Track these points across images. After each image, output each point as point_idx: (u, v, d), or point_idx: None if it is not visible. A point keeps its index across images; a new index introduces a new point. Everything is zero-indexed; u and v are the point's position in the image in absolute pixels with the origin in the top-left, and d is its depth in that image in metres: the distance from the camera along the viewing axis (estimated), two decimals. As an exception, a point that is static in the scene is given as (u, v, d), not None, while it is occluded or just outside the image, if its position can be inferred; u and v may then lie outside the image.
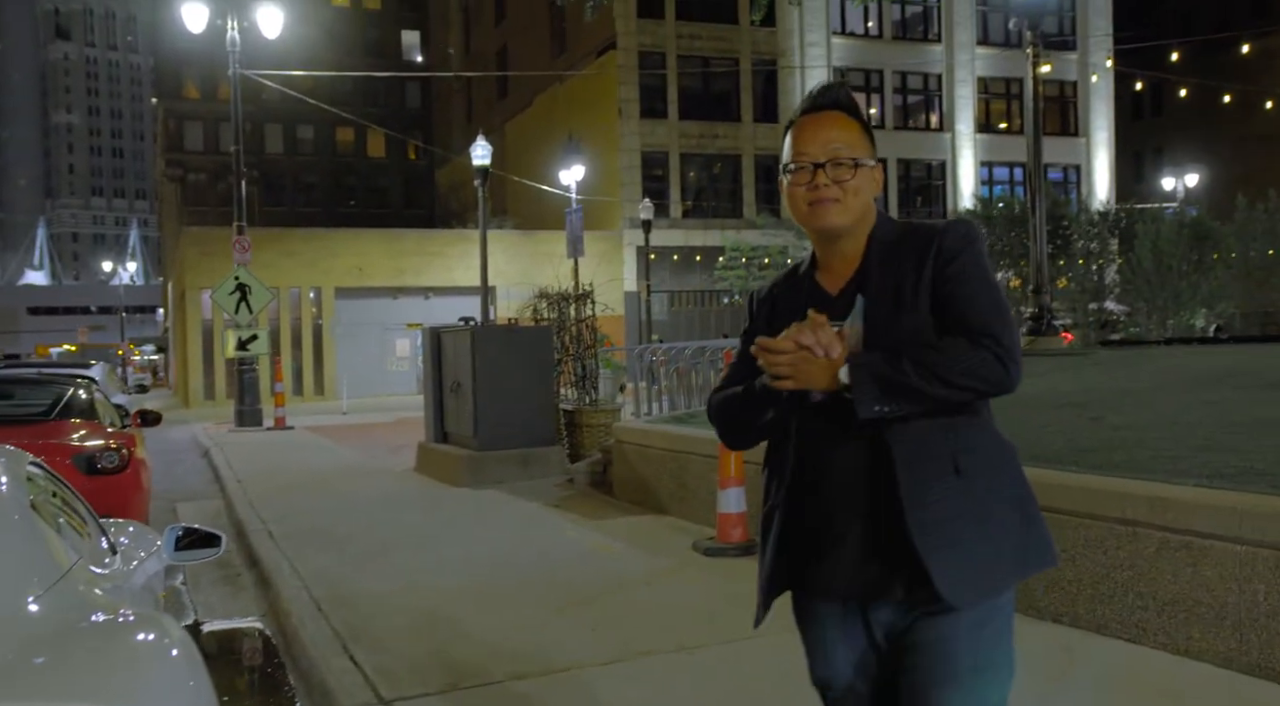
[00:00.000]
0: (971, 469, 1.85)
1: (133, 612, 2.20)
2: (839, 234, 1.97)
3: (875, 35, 40.33)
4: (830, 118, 1.98)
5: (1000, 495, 1.89)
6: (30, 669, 1.70)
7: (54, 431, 6.31)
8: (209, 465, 13.05)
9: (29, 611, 1.97)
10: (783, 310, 2.04)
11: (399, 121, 62.67)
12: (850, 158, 1.94)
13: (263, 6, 18.48)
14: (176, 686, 1.82)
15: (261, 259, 28.63)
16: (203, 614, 5.96)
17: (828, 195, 1.93)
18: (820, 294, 2.00)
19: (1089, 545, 4.28)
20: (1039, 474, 4.66)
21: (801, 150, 1.96)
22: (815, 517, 1.92)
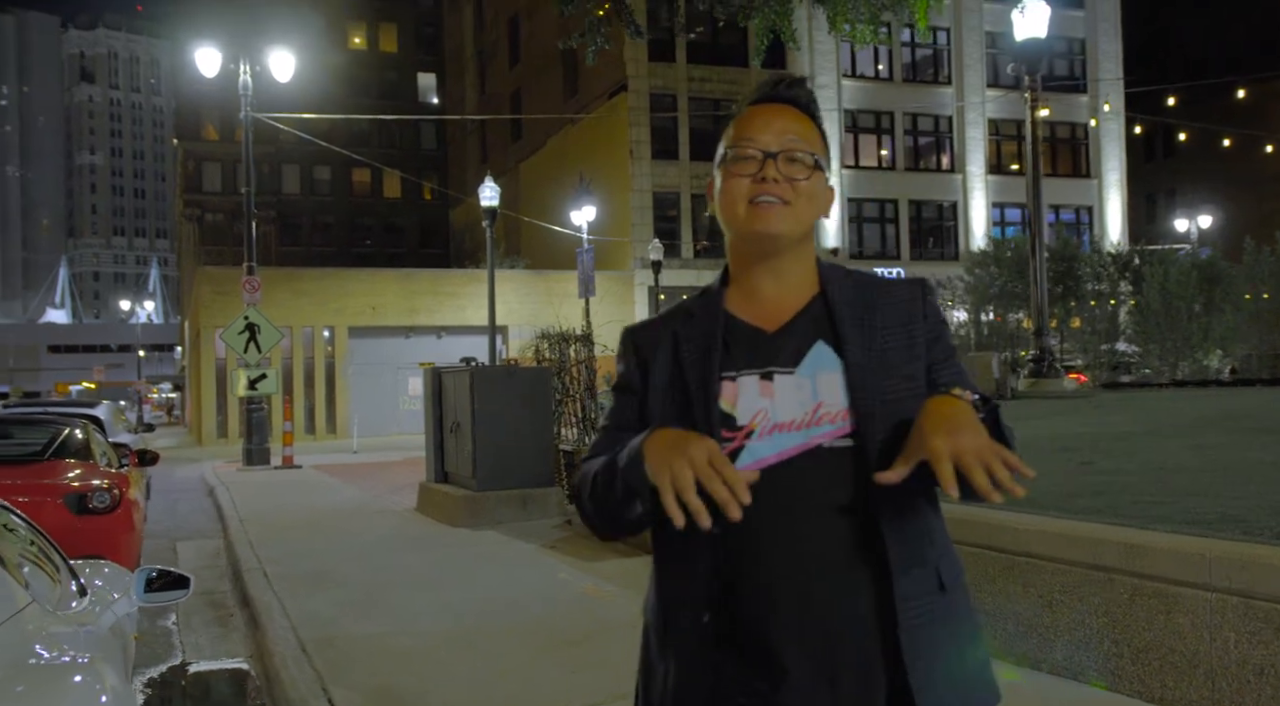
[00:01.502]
0: (953, 585, 1.52)
1: (70, 657, 2.24)
2: (781, 247, 1.56)
3: (885, 77, 40.63)
4: (789, 111, 1.61)
5: (972, 617, 1.57)
6: None
7: (47, 471, 6.37)
8: (214, 504, 13.10)
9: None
10: (692, 354, 1.57)
11: (415, 162, 63.29)
12: (809, 153, 1.57)
13: (275, 51, 18.76)
14: None
15: (276, 298, 28.95)
16: (191, 654, 5.99)
17: (776, 192, 1.53)
18: (748, 330, 1.57)
19: (1065, 591, 4.26)
20: (1019, 519, 4.67)
21: (748, 136, 1.57)
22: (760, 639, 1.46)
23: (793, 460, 1.46)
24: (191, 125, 61.42)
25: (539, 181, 42.53)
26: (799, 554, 1.44)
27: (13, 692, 1.95)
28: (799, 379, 1.51)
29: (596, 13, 11.19)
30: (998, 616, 4.50)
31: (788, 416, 1.49)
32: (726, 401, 1.52)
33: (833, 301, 1.57)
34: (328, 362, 31.69)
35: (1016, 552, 4.47)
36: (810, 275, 1.61)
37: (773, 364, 1.52)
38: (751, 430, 1.49)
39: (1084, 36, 42.68)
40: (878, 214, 40.54)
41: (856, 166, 39.88)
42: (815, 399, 1.49)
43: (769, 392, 1.51)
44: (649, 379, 1.61)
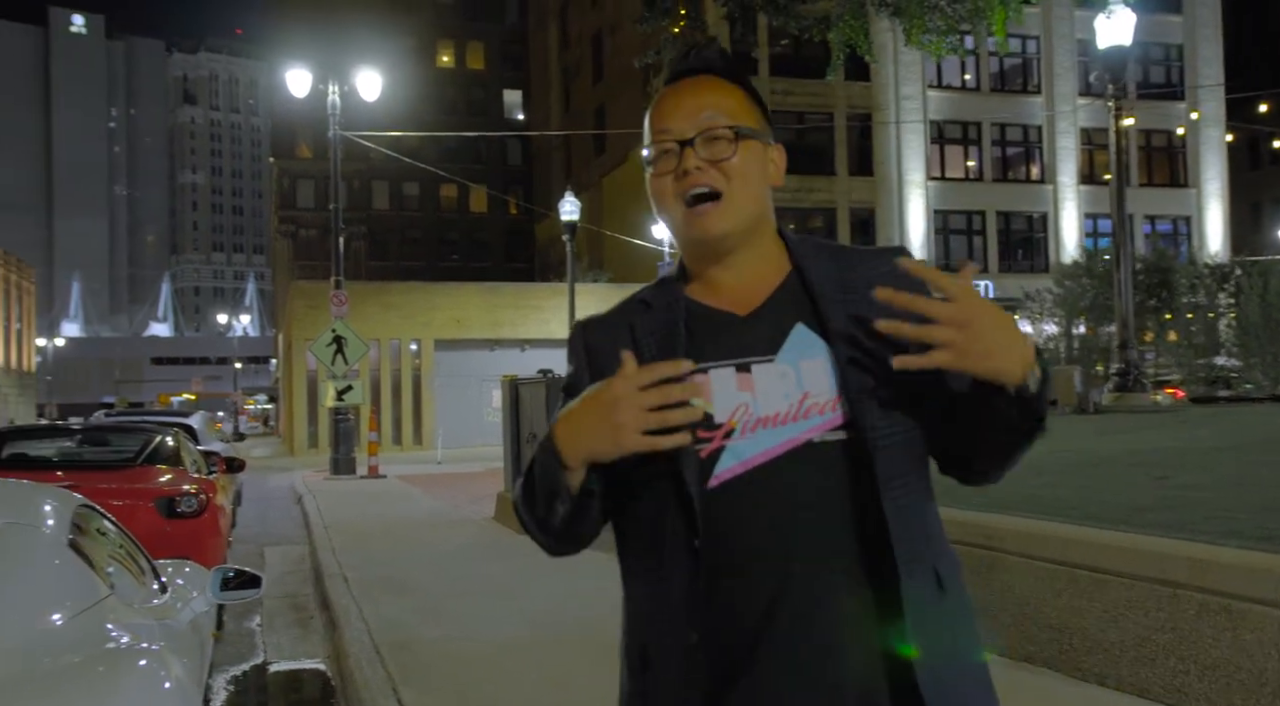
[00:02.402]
0: (951, 583, 1.37)
1: (141, 645, 2.39)
2: (731, 244, 1.39)
3: (973, 88, 40.06)
4: (701, 82, 1.43)
5: (970, 617, 1.41)
6: (26, 683, 1.90)
7: (139, 476, 6.67)
8: (301, 511, 13.48)
9: (48, 634, 2.19)
10: (651, 348, 1.38)
11: (501, 178, 64.26)
12: (728, 126, 1.38)
13: (363, 72, 19.29)
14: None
15: (365, 312, 29.64)
16: (272, 654, 6.21)
17: (704, 182, 1.36)
18: (716, 315, 1.39)
19: (1130, 606, 4.20)
20: (1086, 532, 4.62)
21: (662, 126, 1.40)
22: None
23: (781, 459, 1.30)
24: (286, 144, 63.28)
25: (622, 195, 42.86)
26: (791, 561, 1.28)
27: (92, 671, 2.11)
28: (781, 367, 1.34)
29: (672, 30, 11.33)
30: (1062, 631, 4.45)
31: (772, 410, 1.32)
32: (700, 398, 1.33)
33: (809, 278, 1.39)
34: (414, 375, 32.30)
35: (1081, 566, 4.42)
36: (776, 252, 1.44)
37: (749, 352, 1.35)
38: (732, 428, 1.32)
39: (1181, 42, 41.54)
40: (964, 226, 39.95)
41: (943, 178, 39.37)
42: (801, 388, 1.33)
43: (748, 385, 1.34)
44: (598, 373, 1.39)
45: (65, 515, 2.83)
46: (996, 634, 4.74)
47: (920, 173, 38.84)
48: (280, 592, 8.18)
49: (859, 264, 1.42)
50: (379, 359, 31.19)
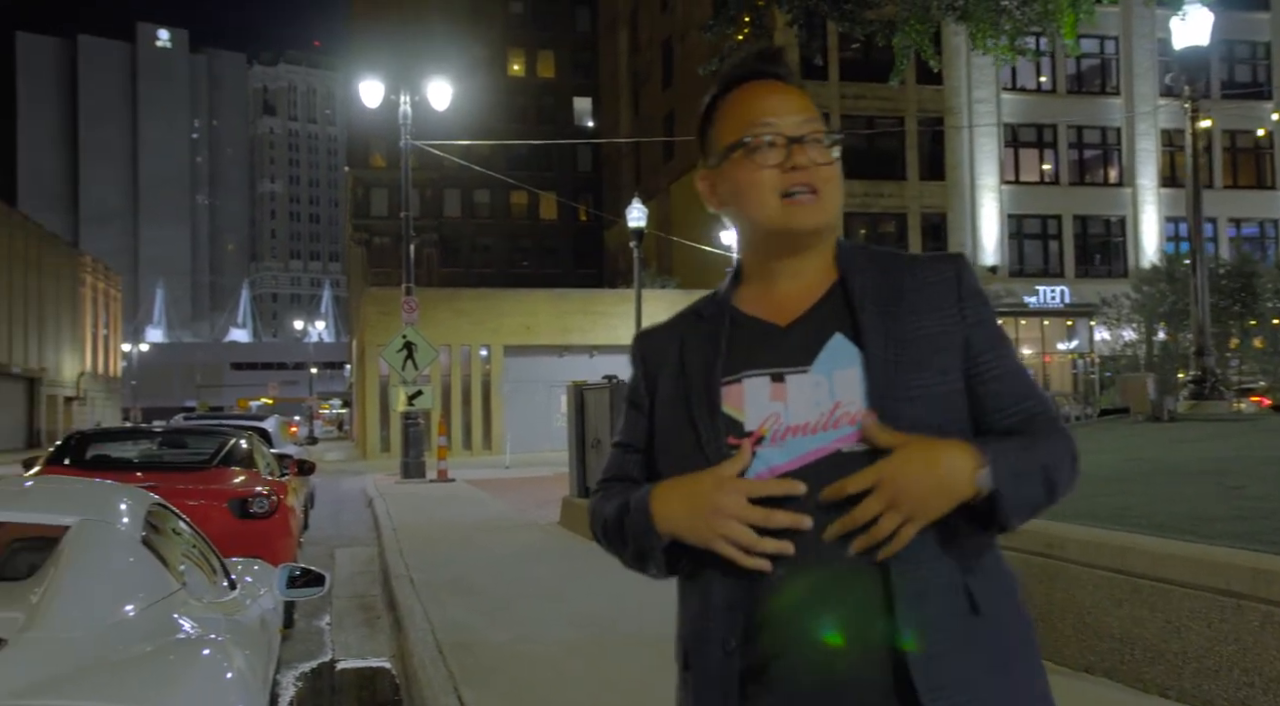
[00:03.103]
0: (991, 608, 1.33)
1: (207, 636, 2.51)
2: (815, 242, 1.43)
3: (1048, 89, 39.39)
4: (786, 87, 1.45)
5: (1026, 642, 1.38)
6: (102, 669, 2.02)
7: (214, 478, 6.89)
8: (372, 514, 13.74)
9: (122, 624, 2.31)
10: (694, 358, 1.44)
11: (571, 184, 64.73)
12: (829, 134, 1.41)
13: (434, 82, 19.62)
14: (216, 699, 2.11)
15: (436, 318, 30.10)
16: (340, 652, 6.37)
17: (807, 181, 1.39)
18: (756, 324, 1.43)
19: (1193, 617, 4.13)
20: (1148, 541, 4.55)
21: (765, 118, 1.41)
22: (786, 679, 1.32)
23: (809, 467, 1.32)
24: (361, 153, 64.50)
25: (691, 201, 42.86)
26: (817, 572, 1.30)
27: (161, 659, 2.23)
28: (815, 377, 1.36)
29: (736, 37, 11.35)
30: (1124, 641, 4.39)
31: (802, 419, 1.34)
32: (731, 405, 1.38)
33: (852, 288, 1.41)
34: (484, 380, 32.70)
35: (1143, 576, 4.36)
36: (829, 263, 1.45)
37: (784, 362, 1.38)
38: (762, 436, 1.35)
39: (1269, 40, 40.39)
40: (1039, 230, 39.27)
41: (1017, 182, 38.76)
42: (833, 398, 1.34)
43: (781, 395, 1.36)
44: (656, 391, 1.49)
45: (140, 513, 2.96)
46: (1057, 643, 4.70)
47: (994, 176, 38.28)
48: (350, 593, 8.37)
49: (905, 272, 1.42)
50: (450, 364, 31.64)
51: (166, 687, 2.04)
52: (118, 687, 1.99)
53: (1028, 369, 1.47)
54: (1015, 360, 1.43)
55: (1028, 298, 38.08)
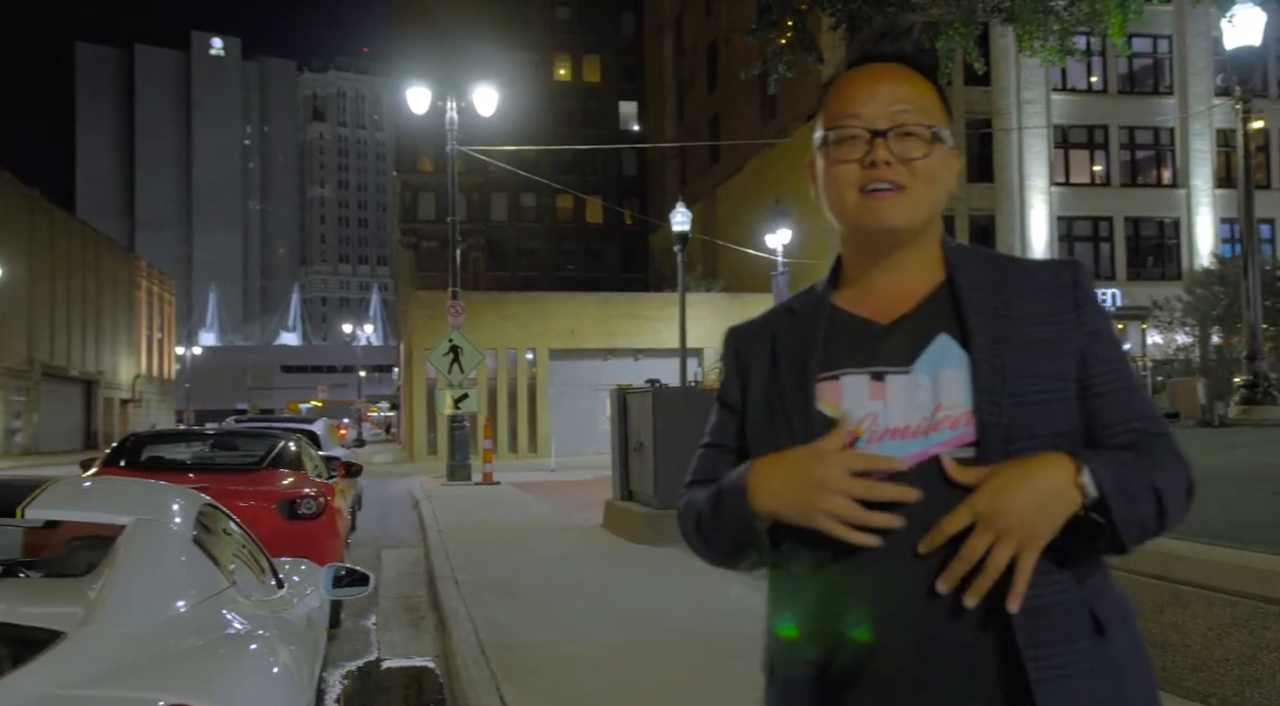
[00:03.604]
0: (1115, 629, 1.26)
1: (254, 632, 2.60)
2: (901, 240, 1.36)
3: (1099, 90, 38.91)
4: (895, 70, 1.37)
5: (1146, 675, 1.30)
6: (155, 662, 2.14)
7: (263, 479, 7.04)
8: (418, 516, 13.91)
9: (174, 620, 2.42)
10: (789, 354, 1.39)
11: (616, 188, 64.95)
12: (925, 125, 1.33)
13: (480, 88, 19.82)
14: (263, 692, 2.21)
15: (482, 321, 30.34)
16: (385, 651, 6.48)
17: (889, 177, 1.32)
18: (856, 322, 1.37)
19: (1235, 624, 4.10)
20: (1190, 547, 4.52)
21: (851, 110, 1.35)
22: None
23: (907, 472, 1.26)
24: (409, 158, 65.20)
25: (736, 205, 42.87)
26: (915, 582, 1.24)
27: (211, 653, 2.34)
28: (916, 377, 1.29)
29: (779, 42, 11.37)
30: (1165, 648, 4.37)
31: (902, 421, 1.28)
32: (828, 403, 1.32)
33: (960, 287, 1.34)
34: (530, 383, 32.91)
35: (1185, 582, 4.33)
36: (934, 261, 1.38)
37: (885, 361, 1.31)
38: (858, 436, 1.29)
39: (1329, 36, 39.57)
40: (1090, 232, 38.80)
41: (1067, 183, 38.33)
42: (935, 400, 1.28)
43: (880, 394, 1.30)
44: (748, 389, 1.43)
45: (191, 513, 3.07)
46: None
47: (1043, 178, 37.88)
48: (395, 594, 8.50)
49: (1018, 274, 1.36)
50: (496, 368, 31.89)
51: (215, 679, 2.14)
52: (170, 678, 2.08)
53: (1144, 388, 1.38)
54: (1131, 376, 1.34)
55: (1078, 301, 37.59)
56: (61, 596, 2.58)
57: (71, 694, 1.97)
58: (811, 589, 1.30)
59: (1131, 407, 1.30)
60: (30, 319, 48.47)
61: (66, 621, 2.26)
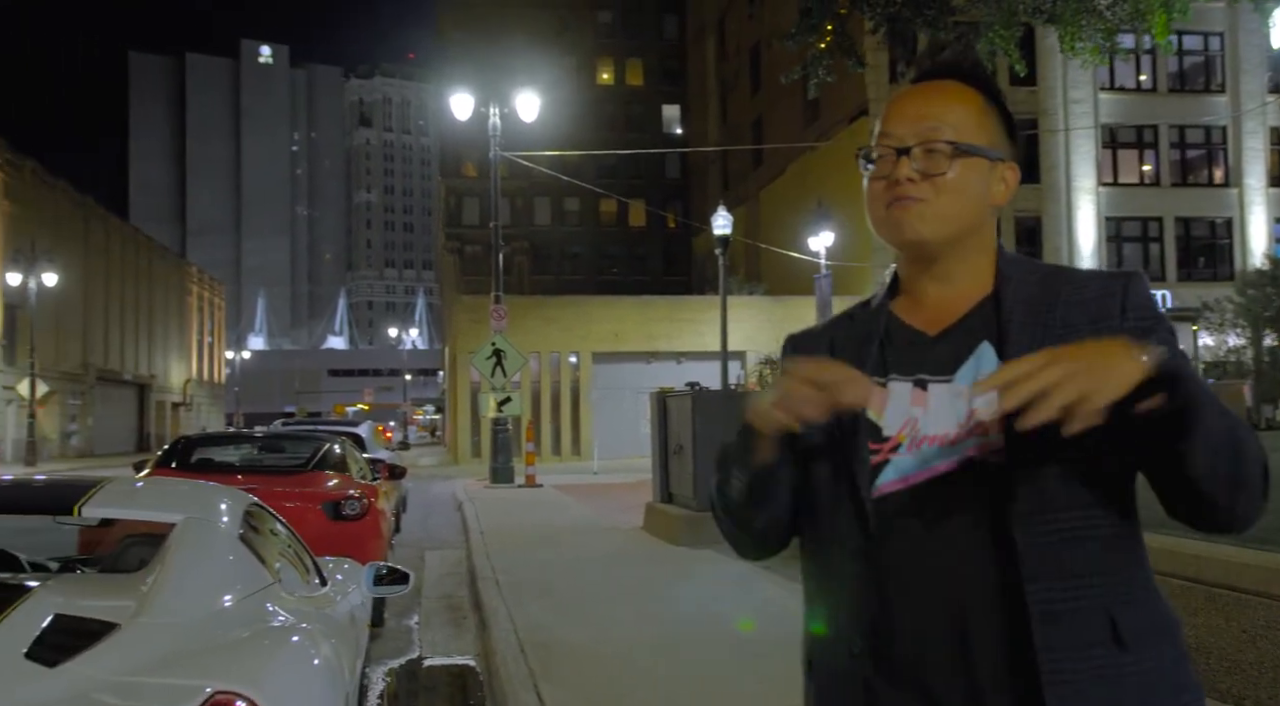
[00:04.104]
0: (1140, 641, 1.25)
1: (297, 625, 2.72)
2: (932, 250, 1.39)
3: (1149, 88, 38.40)
4: (937, 88, 1.42)
5: (1178, 683, 1.28)
6: (204, 652, 2.28)
7: (309, 481, 7.21)
8: (461, 518, 14.08)
9: (221, 613, 2.54)
10: (844, 356, 1.40)
11: (659, 192, 65.10)
12: (946, 141, 1.36)
13: (522, 94, 20.01)
14: (304, 682, 2.32)
15: (526, 325, 30.55)
16: (427, 650, 6.61)
17: (910, 193, 1.36)
18: (908, 333, 1.42)
19: (1269, 627, 4.10)
20: (1220, 550, 4.52)
21: (885, 130, 1.41)
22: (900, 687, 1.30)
23: (939, 478, 1.30)
24: (453, 163, 65.77)
25: (779, 207, 42.81)
26: (948, 581, 1.27)
27: (256, 644, 2.47)
28: (956, 387, 1.33)
29: (818, 46, 11.39)
30: (1199, 651, 4.37)
31: (939, 429, 1.32)
32: (874, 409, 1.37)
33: (1005, 300, 1.36)
34: (573, 387, 33.07)
35: (1217, 585, 4.34)
36: (985, 273, 1.41)
37: (931, 370, 1.36)
38: (899, 442, 1.34)
39: (1382, 33, 38.73)
40: (1139, 233, 38.30)
41: (1115, 184, 37.87)
42: (970, 407, 1.30)
43: (921, 401, 1.35)
44: None
45: (238, 513, 3.19)
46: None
47: (1090, 179, 37.46)
48: (438, 594, 8.64)
49: (1066, 284, 1.36)
50: (539, 371, 32.10)
51: (259, 669, 2.25)
52: (216, 667, 2.20)
53: None
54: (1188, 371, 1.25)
55: (1126, 302, 37.14)
56: (116, 590, 2.72)
57: (125, 680, 2.09)
58: (842, 581, 1.33)
59: None
60: (85, 324, 49.52)
61: (120, 613, 2.38)
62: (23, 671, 2.06)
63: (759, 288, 38.77)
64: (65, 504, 3.12)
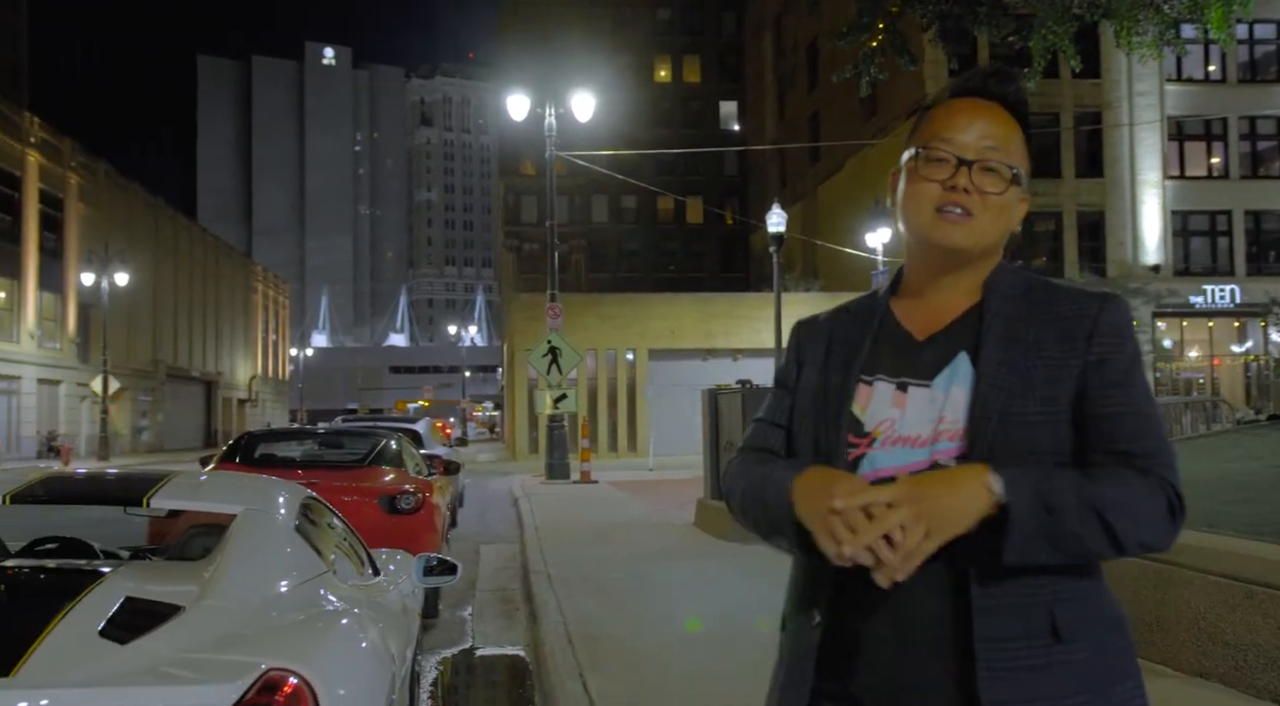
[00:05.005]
0: (1075, 635, 1.36)
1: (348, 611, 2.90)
2: (961, 261, 1.48)
3: (1217, 79, 37.60)
4: (992, 109, 1.49)
5: (1114, 674, 1.38)
6: (263, 633, 2.49)
7: (365, 476, 7.43)
8: (516, 513, 14.30)
9: (277, 598, 2.74)
10: (840, 353, 1.54)
11: (717, 188, 65.07)
12: (1008, 165, 1.46)
13: (578, 93, 20.19)
14: (353, 662, 2.52)
15: (582, 322, 30.81)
16: (479, 640, 6.80)
17: (963, 203, 1.44)
18: (899, 334, 1.51)
19: (1307, 626, 4.12)
20: (1259, 547, 4.53)
21: (946, 136, 1.47)
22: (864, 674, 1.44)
23: (906, 475, 1.39)
24: (512, 162, 66.33)
25: (837, 203, 42.60)
26: (905, 610, 1.38)
27: (309, 627, 2.66)
28: (933, 392, 1.43)
29: (870, 44, 11.38)
30: (1238, 647, 4.39)
31: (914, 430, 1.43)
32: (859, 405, 1.48)
33: (987, 312, 1.46)
34: (629, 384, 33.26)
35: (1256, 582, 4.35)
36: (979, 285, 1.51)
37: (912, 373, 1.46)
38: (875, 437, 1.45)
39: None
40: (1207, 227, 37.54)
41: (1181, 177, 37.14)
42: (941, 413, 1.41)
43: (900, 403, 1.45)
44: (801, 378, 1.58)
45: (295, 505, 3.38)
46: (1172, 648, 4.72)
47: (1156, 172, 36.78)
48: (492, 587, 8.84)
49: (1047, 301, 1.46)
50: (596, 368, 32.34)
51: (310, 649, 2.42)
52: (271, 647, 2.38)
53: (1159, 417, 1.43)
54: (1142, 402, 1.41)
55: (1194, 298, 36.44)
56: (181, 576, 2.93)
57: (188, 656, 2.28)
58: (811, 558, 1.41)
59: (1128, 430, 1.38)
60: (156, 322, 50.82)
61: (185, 597, 2.58)
62: (97, 647, 2.26)
63: (815, 284, 38.69)
64: (135, 496, 3.33)
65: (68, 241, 41.98)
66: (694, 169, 64.03)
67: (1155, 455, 1.37)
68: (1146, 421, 1.39)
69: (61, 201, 41.63)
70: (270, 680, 2.19)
